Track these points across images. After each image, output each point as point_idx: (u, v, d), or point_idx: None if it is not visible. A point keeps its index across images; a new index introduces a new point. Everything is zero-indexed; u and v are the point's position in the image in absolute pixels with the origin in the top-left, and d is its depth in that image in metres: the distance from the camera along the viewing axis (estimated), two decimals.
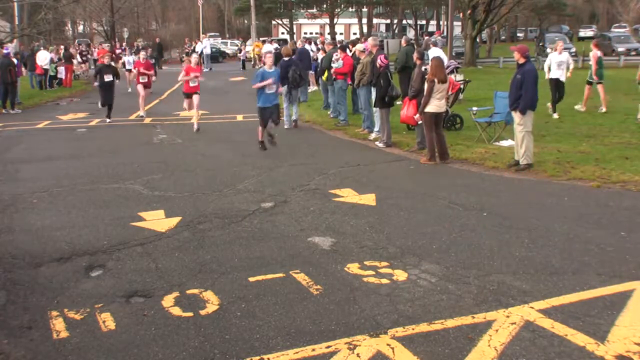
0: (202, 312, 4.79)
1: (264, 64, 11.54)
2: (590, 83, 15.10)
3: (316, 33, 53.50)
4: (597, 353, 4.09)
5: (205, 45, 35.39)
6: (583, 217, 7.08)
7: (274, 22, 58.81)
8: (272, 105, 11.22)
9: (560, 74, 14.35)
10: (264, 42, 33.15)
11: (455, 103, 13.85)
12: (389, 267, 5.65)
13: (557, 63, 14.36)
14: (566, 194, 8.12)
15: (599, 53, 15.14)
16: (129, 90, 21.31)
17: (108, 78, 15.28)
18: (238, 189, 8.59)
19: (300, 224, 6.98)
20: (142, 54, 18.08)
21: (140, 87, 16.73)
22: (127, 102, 18.86)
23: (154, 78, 19.24)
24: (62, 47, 29.35)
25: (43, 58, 23.57)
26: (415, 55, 11.03)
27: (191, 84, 13.57)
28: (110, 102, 15.55)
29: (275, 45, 26.94)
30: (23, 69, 23.51)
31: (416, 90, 10.62)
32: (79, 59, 31.79)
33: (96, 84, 15.75)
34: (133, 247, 6.30)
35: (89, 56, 32.72)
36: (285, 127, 14.06)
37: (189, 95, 13.82)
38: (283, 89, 13.95)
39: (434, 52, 17.58)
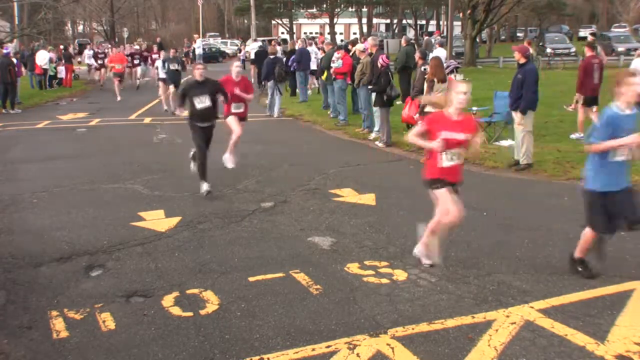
0: (202, 312, 4.79)
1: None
2: None
3: (316, 33, 53.52)
4: (597, 353, 4.09)
5: (198, 45, 35.88)
6: (583, 217, 7.05)
7: (273, 22, 58.84)
8: (622, 190, 5.22)
9: None
10: (255, 40, 33.35)
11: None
12: (389, 267, 5.65)
13: None
14: (566, 194, 8.11)
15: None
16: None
17: (202, 103, 8.31)
18: (238, 189, 8.59)
19: (300, 224, 6.98)
20: (236, 67, 9.77)
21: (233, 121, 9.56)
22: (132, 101, 18.82)
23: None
24: (61, 47, 29.24)
25: (42, 58, 23.58)
26: (417, 55, 11.05)
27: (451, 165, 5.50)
28: (207, 144, 8.47)
29: (260, 43, 27.46)
30: (23, 68, 23.51)
31: (418, 90, 10.63)
32: (95, 63, 26.84)
33: (181, 113, 8.77)
34: (133, 247, 6.30)
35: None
36: (275, 116, 16.03)
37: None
38: (269, 83, 16.30)
39: (439, 51, 17.78)
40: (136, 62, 25.55)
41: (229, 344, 4.31)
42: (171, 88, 16.71)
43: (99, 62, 26.45)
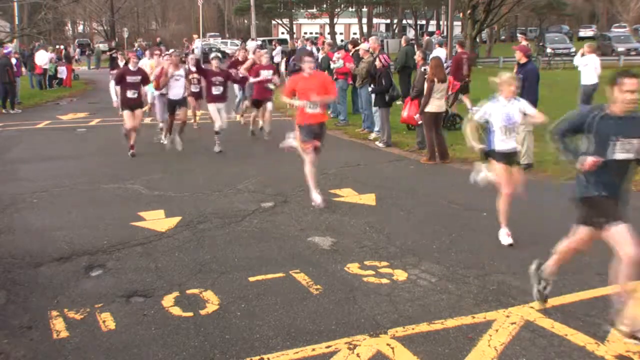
0: (202, 312, 4.79)
1: None
2: None
3: (316, 33, 53.52)
4: (597, 353, 4.09)
5: (196, 45, 36.11)
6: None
7: (274, 22, 58.86)
8: None
9: None
10: (254, 40, 33.49)
11: (455, 103, 13.85)
12: (389, 267, 5.65)
13: None
14: (566, 194, 8.09)
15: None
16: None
17: None
18: (238, 189, 8.59)
19: (300, 224, 6.97)
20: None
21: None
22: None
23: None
24: (61, 47, 29.18)
25: (41, 58, 23.57)
26: (419, 56, 11.04)
27: None
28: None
29: (259, 42, 28.14)
30: (23, 68, 23.50)
31: (418, 91, 10.63)
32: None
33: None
34: (133, 247, 6.30)
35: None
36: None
37: None
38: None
39: (439, 52, 17.79)
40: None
41: (229, 344, 4.31)
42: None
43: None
